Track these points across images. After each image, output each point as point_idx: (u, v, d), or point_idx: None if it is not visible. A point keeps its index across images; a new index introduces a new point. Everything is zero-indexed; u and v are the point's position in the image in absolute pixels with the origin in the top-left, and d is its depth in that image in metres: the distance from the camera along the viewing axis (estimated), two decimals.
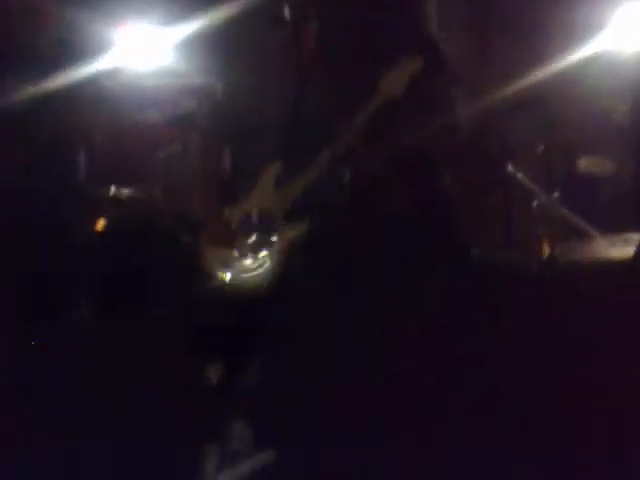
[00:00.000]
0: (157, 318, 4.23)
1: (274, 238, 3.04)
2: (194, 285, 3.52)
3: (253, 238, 3.06)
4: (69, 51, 4.76)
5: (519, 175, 3.90)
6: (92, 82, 4.59)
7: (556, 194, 3.27)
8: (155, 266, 4.48)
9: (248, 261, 3.05)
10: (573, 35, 4.43)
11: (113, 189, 4.87)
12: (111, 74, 5.28)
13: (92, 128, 4.46)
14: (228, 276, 3.06)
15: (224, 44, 5.38)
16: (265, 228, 3.06)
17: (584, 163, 4.26)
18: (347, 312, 3.64)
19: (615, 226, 3.81)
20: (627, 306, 3.08)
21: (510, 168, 3.99)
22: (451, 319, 3.55)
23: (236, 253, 3.05)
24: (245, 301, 3.07)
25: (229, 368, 3.32)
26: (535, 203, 3.25)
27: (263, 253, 3.04)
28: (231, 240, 3.06)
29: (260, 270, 3.03)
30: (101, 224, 4.67)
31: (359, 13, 5.30)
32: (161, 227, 4.76)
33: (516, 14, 4.85)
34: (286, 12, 3.08)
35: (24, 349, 3.85)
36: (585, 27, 4.39)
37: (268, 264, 3.03)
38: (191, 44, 5.49)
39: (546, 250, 3.18)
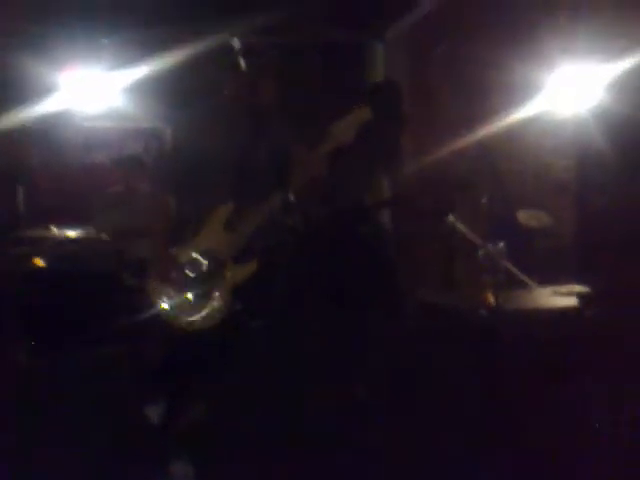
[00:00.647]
0: (98, 355, 4.15)
1: (221, 278, 3.03)
2: (136, 323, 3.48)
3: (200, 278, 3.04)
4: (16, 92, 4.73)
5: (460, 226, 4.00)
6: (40, 123, 4.55)
7: (500, 244, 3.35)
8: (93, 304, 4.42)
9: (195, 300, 3.03)
10: (515, 95, 4.61)
11: (53, 228, 4.79)
12: (59, 116, 5.26)
13: (36, 168, 4.39)
14: (175, 314, 3.03)
15: (173, 88, 5.44)
16: (213, 268, 3.05)
17: (524, 216, 4.40)
18: (289, 353, 3.64)
19: (552, 277, 3.93)
20: (572, 353, 3.16)
21: (451, 218, 4.08)
22: (392, 360, 3.59)
23: (183, 292, 3.03)
24: (189, 340, 3.05)
25: (171, 405, 3.28)
26: (479, 253, 3.33)
27: (211, 294, 3.03)
28: (178, 279, 3.04)
29: (207, 310, 3.02)
30: (39, 262, 4.58)
31: (314, 64, 5.46)
32: (101, 266, 4.69)
33: (462, 73, 5.04)
34: (241, 60, 3.13)
35: None
36: (526, 87, 4.57)
37: (215, 304, 3.02)
38: (139, 88, 5.52)
39: (489, 298, 3.24)
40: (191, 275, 3.03)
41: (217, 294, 3.01)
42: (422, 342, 3.45)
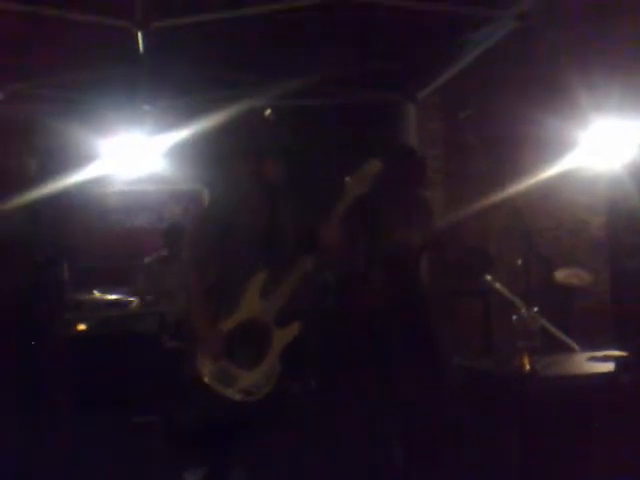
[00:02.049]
0: (137, 423, 4.18)
1: (268, 344, 3.06)
2: (177, 389, 3.50)
3: (248, 346, 3.08)
4: (61, 159, 4.90)
5: (498, 285, 3.98)
6: (83, 190, 4.70)
7: (536, 308, 3.34)
8: (136, 369, 4.46)
9: (244, 369, 3.05)
10: (549, 151, 4.63)
11: (96, 292, 4.89)
12: (101, 181, 5.43)
13: (79, 233, 4.52)
14: (222, 385, 3.06)
15: (210, 152, 5.58)
16: (259, 336, 3.08)
17: (562, 274, 4.37)
18: (331, 416, 3.63)
19: (592, 338, 3.89)
20: (609, 421, 3.11)
21: (489, 278, 4.07)
22: (432, 425, 3.57)
23: (231, 363, 3.06)
24: (231, 405, 3.07)
25: (210, 474, 3.28)
26: (515, 316, 3.32)
27: (259, 361, 3.05)
28: (227, 350, 3.07)
29: (257, 378, 3.04)
30: (82, 327, 4.67)
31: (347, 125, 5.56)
32: (143, 329, 4.75)
33: (495, 131, 5.08)
34: (251, 146, 3.25)
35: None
36: (560, 144, 4.59)
37: (264, 371, 3.04)
38: (178, 152, 5.68)
39: (525, 364, 3.22)
40: (238, 345, 3.07)
41: (266, 360, 3.03)
42: (459, 407, 3.43)
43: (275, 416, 3.16)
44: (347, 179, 3.12)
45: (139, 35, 4.69)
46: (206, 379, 3.05)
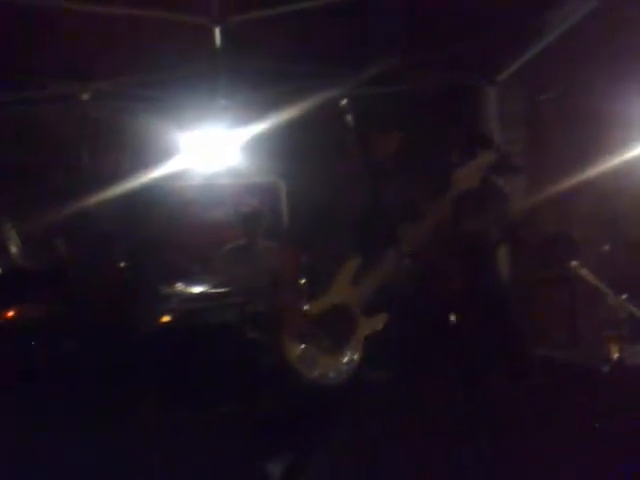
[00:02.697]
0: (220, 413, 4.24)
1: (353, 332, 3.06)
2: (259, 379, 3.54)
3: (333, 332, 3.09)
4: (143, 155, 5.02)
5: (584, 272, 3.84)
6: (164, 183, 4.80)
7: (624, 295, 3.20)
8: (218, 360, 4.52)
9: (328, 354, 3.06)
10: (636, 132, 4.43)
11: (179, 285, 4.98)
12: (181, 175, 5.53)
13: (163, 228, 4.62)
14: (306, 369, 3.08)
15: (287, 145, 5.60)
16: (345, 322, 3.08)
17: None
18: (412, 407, 3.59)
19: None
20: None
21: (575, 264, 3.93)
22: (515, 417, 3.48)
23: (316, 347, 3.08)
24: (316, 393, 3.08)
25: (295, 462, 3.31)
26: (602, 303, 3.20)
27: (343, 347, 3.06)
28: (311, 333, 3.09)
29: (340, 364, 3.05)
30: (167, 318, 4.76)
31: (428, 110, 5.48)
32: (226, 321, 4.81)
33: (579, 112, 4.91)
34: (350, 119, 3.20)
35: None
36: None
37: (348, 357, 3.05)
38: (255, 145, 5.73)
39: (613, 351, 3.10)
40: (324, 330, 3.08)
41: (349, 347, 3.04)
42: (543, 399, 3.33)
43: (357, 404, 3.16)
44: (456, 173, 3.06)
45: (216, 31, 4.76)
46: (289, 360, 3.09)
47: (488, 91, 5.85)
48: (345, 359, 3.07)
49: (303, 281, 3.34)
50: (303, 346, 3.11)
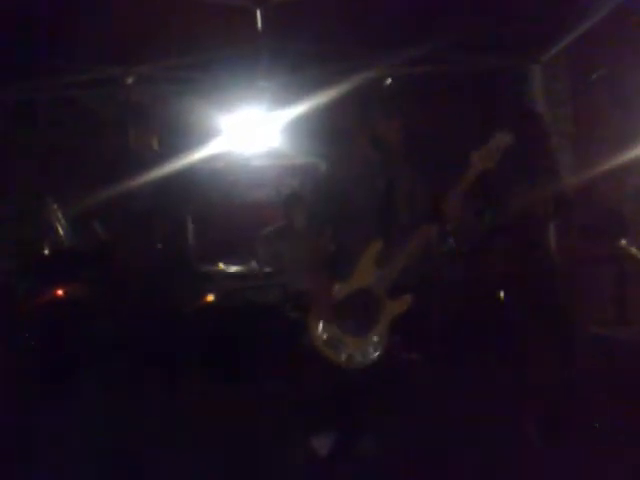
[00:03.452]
0: (264, 392, 4.27)
1: (379, 314, 3.07)
2: (298, 357, 3.55)
3: (359, 314, 3.10)
4: (184, 137, 5.05)
5: (634, 250, 3.77)
6: (205, 164, 4.83)
7: None
8: (260, 340, 4.56)
9: (354, 336, 3.08)
10: None
11: (222, 264, 5.03)
12: (222, 156, 5.56)
13: (206, 208, 4.65)
14: (334, 350, 3.09)
15: (327, 126, 5.60)
16: (369, 306, 3.09)
17: None
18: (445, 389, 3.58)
19: None
20: None
21: (624, 242, 3.86)
22: (563, 401, 3.45)
23: (343, 328, 3.10)
24: (350, 374, 3.10)
25: (340, 438, 3.32)
26: None
27: (369, 329, 3.07)
28: (338, 316, 3.10)
29: (366, 346, 3.06)
30: (210, 297, 4.81)
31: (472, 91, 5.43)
32: (268, 301, 4.85)
33: (628, 90, 4.82)
34: (390, 100, 3.20)
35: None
36: None
37: (374, 339, 3.05)
38: (296, 127, 5.74)
39: None
40: (349, 313, 3.10)
41: (375, 330, 3.05)
42: (592, 378, 3.30)
43: (397, 385, 3.16)
44: (473, 153, 3.04)
45: (257, 12, 4.76)
46: (317, 343, 3.11)
47: (534, 70, 5.78)
48: (371, 342, 3.07)
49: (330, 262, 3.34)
50: (330, 330, 3.12)
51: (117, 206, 4.29)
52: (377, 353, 3.09)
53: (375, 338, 3.08)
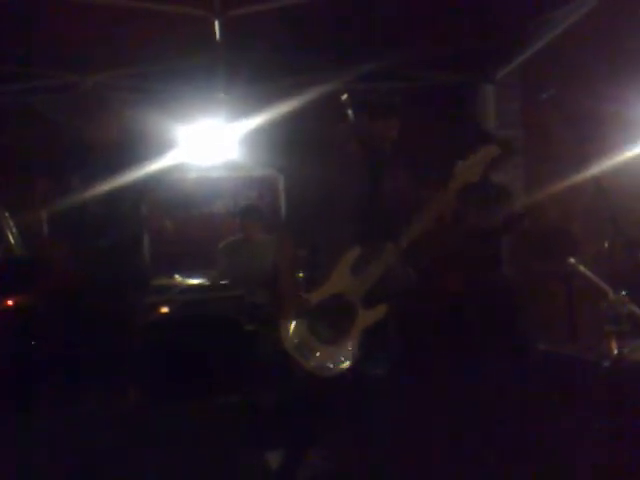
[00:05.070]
0: (218, 405, 4.25)
1: (351, 324, 3.05)
2: (257, 371, 3.51)
3: (330, 322, 3.08)
4: (138, 147, 5.00)
5: (582, 268, 3.87)
6: (162, 176, 4.78)
7: (624, 291, 3.24)
8: (216, 352, 4.54)
9: (324, 345, 3.07)
10: (632, 131, 4.48)
11: (178, 276, 5.00)
12: (179, 168, 5.53)
13: (161, 219, 4.61)
14: (303, 360, 3.07)
15: (287, 139, 5.62)
16: (342, 313, 3.07)
17: None
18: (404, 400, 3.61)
19: None
20: None
21: (573, 261, 3.96)
22: (512, 411, 3.51)
23: (314, 338, 3.08)
24: (312, 385, 3.08)
25: (291, 454, 3.31)
26: (603, 299, 3.23)
27: (340, 338, 3.05)
28: (310, 323, 3.08)
29: (337, 355, 3.05)
30: (165, 309, 4.78)
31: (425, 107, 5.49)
32: (223, 313, 4.84)
33: (578, 111, 4.94)
34: (350, 112, 3.20)
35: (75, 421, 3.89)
36: None
37: (345, 349, 3.04)
38: (253, 139, 5.74)
39: (614, 347, 3.14)
40: (322, 320, 3.07)
41: (347, 338, 3.03)
42: (542, 392, 3.37)
43: (356, 398, 3.16)
44: (458, 165, 3.04)
45: (216, 23, 4.75)
46: (287, 350, 3.08)
47: (487, 89, 5.88)
48: (343, 350, 3.05)
49: (301, 273, 3.32)
50: (301, 335, 3.08)
51: (69, 216, 4.22)
52: (347, 362, 3.06)
53: (347, 347, 3.06)
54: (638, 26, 4.31)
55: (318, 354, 3.06)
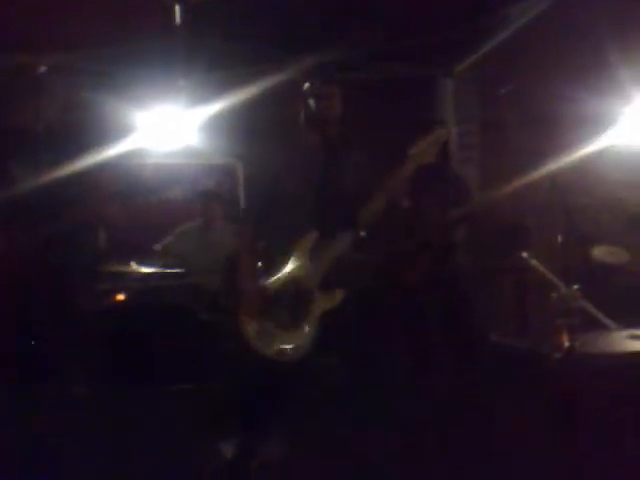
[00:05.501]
0: (171, 392, 4.23)
1: (309, 309, 3.07)
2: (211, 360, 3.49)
3: (289, 307, 3.09)
4: (96, 131, 4.91)
5: (535, 262, 3.96)
6: (118, 161, 4.71)
7: (576, 286, 3.33)
8: (170, 339, 4.51)
9: (283, 330, 3.08)
10: (587, 128, 4.58)
11: (133, 264, 4.94)
12: (136, 154, 5.46)
13: (116, 205, 4.55)
14: (262, 345, 3.08)
15: (243, 126, 5.60)
16: (300, 298, 3.08)
17: (600, 252, 4.34)
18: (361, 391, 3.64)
19: (630, 317, 3.86)
20: None
21: (525, 255, 4.05)
22: (463, 402, 3.58)
23: (272, 322, 3.08)
24: (267, 372, 3.10)
25: (246, 442, 3.31)
26: (554, 293, 3.31)
27: (299, 323, 3.06)
28: (267, 309, 3.09)
29: (295, 340, 3.06)
30: (120, 297, 4.73)
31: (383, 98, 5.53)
32: (178, 300, 4.81)
33: (534, 107, 5.03)
34: (310, 91, 3.21)
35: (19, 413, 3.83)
36: (598, 120, 4.54)
37: (303, 333, 3.05)
38: (212, 126, 5.70)
39: (565, 340, 3.22)
40: (280, 305, 3.08)
41: (305, 323, 3.04)
42: (494, 385, 3.44)
43: (310, 387, 3.18)
44: (411, 147, 3.06)
45: (176, 8, 4.71)
46: (247, 336, 3.08)
47: (445, 83, 5.94)
48: (302, 335, 3.07)
49: (260, 263, 3.32)
50: (261, 322, 3.09)
51: (13, 200, 4.13)
52: (304, 348, 3.07)
53: (304, 332, 3.07)
54: (596, 24, 4.39)
55: (277, 340, 3.08)
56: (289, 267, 3.11)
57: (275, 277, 3.13)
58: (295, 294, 3.09)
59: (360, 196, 3.10)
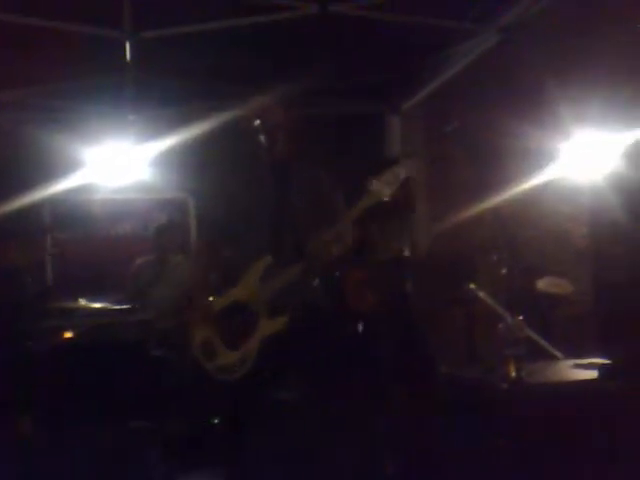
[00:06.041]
0: (125, 428, 4.18)
1: (252, 330, 3.08)
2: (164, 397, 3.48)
3: (233, 327, 3.12)
4: (45, 167, 4.90)
5: (481, 294, 4.04)
6: (67, 197, 4.70)
7: (520, 317, 3.41)
8: (120, 376, 4.45)
9: (227, 349, 3.10)
10: (531, 163, 4.71)
11: (82, 300, 4.88)
12: (85, 189, 5.43)
13: (65, 241, 4.52)
14: (206, 361, 3.11)
15: (193, 161, 5.61)
16: (245, 320, 3.11)
17: (544, 283, 4.45)
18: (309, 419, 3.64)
19: (575, 347, 3.95)
20: (593, 428, 3.17)
21: (473, 287, 4.13)
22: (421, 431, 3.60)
23: (219, 340, 3.11)
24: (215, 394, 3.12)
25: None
26: (501, 323, 3.38)
27: (242, 344, 3.08)
28: (212, 327, 3.12)
29: (236, 360, 3.08)
30: (68, 334, 4.66)
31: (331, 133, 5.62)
32: (129, 337, 4.76)
33: (478, 143, 5.15)
34: (257, 124, 3.26)
35: None
36: (541, 156, 4.67)
37: (245, 354, 3.07)
38: (162, 161, 5.71)
39: (512, 370, 3.28)
40: (225, 324, 3.11)
41: (246, 346, 3.06)
42: (444, 414, 3.47)
43: (260, 422, 3.18)
44: (371, 180, 3.10)
45: (127, 45, 4.73)
46: (192, 347, 3.12)
47: (392, 120, 6.07)
48: (241, 358, 3.10)
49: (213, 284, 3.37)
50: (206, 337, 3.14)
51: None
52: (243, 370, 3.08)
53: (245, 353, 3.09)
54: (537, 61, 4.54)
55: (219, 357, 3.11)
56: (239, 288, 3.15)
57: (223, 296, 3.16)
58: (241, 315, 3.13)
59: (312, 225, 3.14)
